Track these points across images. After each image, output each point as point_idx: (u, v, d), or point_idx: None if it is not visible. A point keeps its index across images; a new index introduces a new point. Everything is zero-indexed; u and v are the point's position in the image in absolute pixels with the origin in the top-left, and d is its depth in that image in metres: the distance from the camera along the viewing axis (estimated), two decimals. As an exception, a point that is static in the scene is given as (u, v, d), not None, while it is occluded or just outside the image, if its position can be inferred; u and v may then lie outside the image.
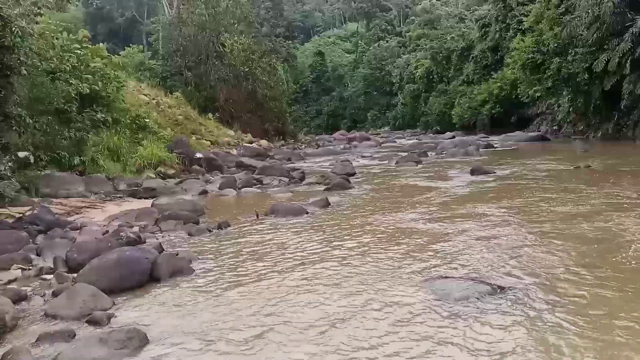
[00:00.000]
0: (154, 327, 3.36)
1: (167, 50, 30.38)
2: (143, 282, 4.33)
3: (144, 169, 12.21)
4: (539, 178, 10.29)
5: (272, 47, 35.62)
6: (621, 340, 2.87)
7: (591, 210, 6.49)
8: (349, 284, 4.05)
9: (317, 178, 11.75)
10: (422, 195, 8.81)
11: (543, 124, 30.10)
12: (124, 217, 7.39)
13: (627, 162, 12.38)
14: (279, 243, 5.70)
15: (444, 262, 4.56)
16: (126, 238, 5.50)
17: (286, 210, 7.53)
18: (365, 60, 64.13)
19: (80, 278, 4.25)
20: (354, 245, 5.43)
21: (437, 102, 43.73)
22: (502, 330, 3.06)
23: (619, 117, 20.33)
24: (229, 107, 27.09)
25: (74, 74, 11.42)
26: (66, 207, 8.05)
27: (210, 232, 6.43)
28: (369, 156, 20.01)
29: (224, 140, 21.03)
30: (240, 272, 4.60)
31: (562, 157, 15.00)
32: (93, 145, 11.42)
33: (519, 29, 29.88)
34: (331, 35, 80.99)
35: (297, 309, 3.58)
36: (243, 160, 16.18)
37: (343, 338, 3.08)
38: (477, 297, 3.58)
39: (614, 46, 18.51)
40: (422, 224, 6.29)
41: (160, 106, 18.37)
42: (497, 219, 6.30)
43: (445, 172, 12.43)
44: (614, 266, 4.18)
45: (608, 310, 3.30)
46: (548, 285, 3.79)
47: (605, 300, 3.46)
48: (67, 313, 3.61)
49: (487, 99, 33.97)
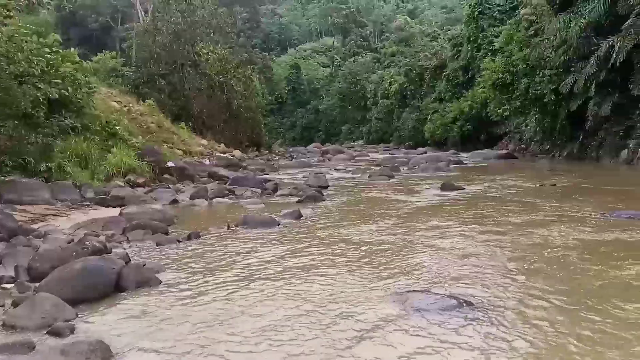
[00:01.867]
0: (118, 339, 3.28)
1: (141, 58, 30.05)
2: (108, 292, 4.23)
3: (112, 177, 11.98)
4: (506, 195, 10.53)
5: (248, 57, 35.58)
6: (574, 349, 2.94)
7: (556, 227, 6.66)
8: (317, 297, 4.04)
9: (290, 190, 11.74)
10: (394, 209, 8.90)
11: (511, 142, 30.88)
12: (90, 225, 7.22)
13: (591, 181, 12.79)
14: (249, 254, 5.66)
15: (413, 275, 4.60)
16: (91, 247, 5.37)
17: (258, 221, 7.49)
18: (340, 75, 64.86)
19: (43, 288, 4.12)
20: (323, 258, 5.44)
21: (410, 118, 44.49)
22: (468, 346, 3.10)
23: (584, 137, 21.02)
24: (203, 116, 26.92)
25: (43, 79, 11.18)
26: (30, 214, 7.82)
27: (180, 242, 6.34)
28: (342, 169, 20.12)
29: (197, 149, 20.86)
30: (209, 284, 4.55)
31: (528, 175, 15.40)
32: (60, 151, 11.15)
33: (490, 49, 30.78)
34: (307, 48, 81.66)
35: (262, 322, 3.56)
36: (216, 170, 16.05)
37: (309, 348, 3.07)
38: (444, 310, 3.62)
39: (580, 69, 19.19)
40: (393, 238, 6.34)
41: (131, 113, 18.13)
42: (466, 234, 6.40)
43: (417, 187, 12.60)
44: (577, 282, 4.29)
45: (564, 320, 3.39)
46: (515, 301, 3.86)
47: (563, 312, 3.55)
48: (27, 324, 3.49)
49: (458, 116, 34.72)
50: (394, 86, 49.25)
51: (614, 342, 3.06)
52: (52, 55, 12.03)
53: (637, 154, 17.18)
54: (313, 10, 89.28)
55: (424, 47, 47.51)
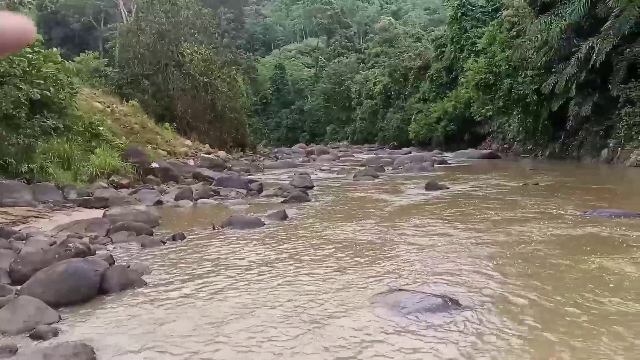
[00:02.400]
0: (102, 342, 3.26)
1: (124, 58, 29.75)
2: (92, 295, 4.20)
3: (96, 178, 11.84)
4: (490, 194, 10.65)
5: (233, 58, 35.43)
6: (555, 342, 3.00)
7: (537, 226, 6.76)
8: (301, 298, 4.06)
9: (275, 190, 11.73)
10: (378, 209, 8.95)
11: (494, 142, 31.22)
12: (73, 227, 7.14)
13: (573, 180, 12.99)
14: (234, 255, 5.65)
15: (398, 275, 4.64)
16: (75, 249, 5.31)
17: (243, 222, 7.48)
18: (325, 75, 64.89)
19: (25, 291, 4.08)
20: (309, 258, 5.46)
21: (394, 118, 44.69)
22: (453, 344, 3.14)
23: (565, 137, 21.34)
24: (187, 117, 26.73)
25: (25, 79, 11.02)
26: (11, 216, 7.71)
27: (165, 243, 6.31)
28: (327, 169, 20.15)
29: (181, 150, 20.71)
30: (194, 285, 4.53)
31: (511, 174, 15.59)
32: (42, 152, 11.00)
33: (473, 50, 31.08)
34: (292, 49, 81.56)
35: (247, 323, 3.56)
36: (200, 171, 15.95)
37: (293, 350, 3.08)
38: (431, 310, 3.66)
39: (561, 70, 19.50)
40: (377, 237, 6.38)
41: (115, 114, 17.93)
42: (450, 232, 6.47)
43: (401, 187, 12.68)
44: (557, 278, 4.37)
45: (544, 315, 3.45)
46: (498, 299, 3.91)
47: (544, 308, 3.62)
48: (9, 327, 3.45)
49: (442, 116, 34.98)
50: (378, 86, 49.47)
51: (590, 335, 3.13)
52: (33, 55, 11.84)
53: (617, 153, 17.51)
54: (297, 11, 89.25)
55: (408, 48, 47.82)
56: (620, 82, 17.19)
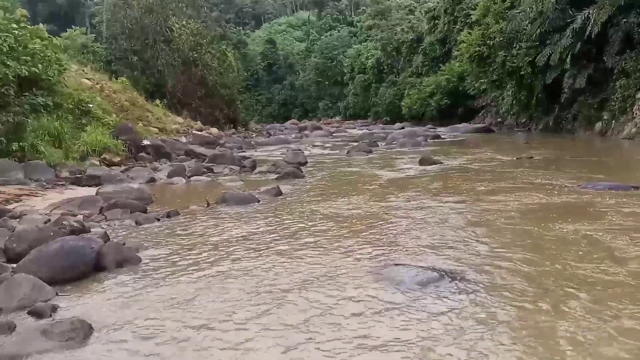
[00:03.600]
0: (99, 318, 3.25)
1: (112, 33, 29.18)
2: (88, 272, 4.18)
3: (87, 156, 11.73)
4: (483, 168, 10.67)
5: (222, 32, 34.89)
6: (546, 321, 3.04)
7: (533, 200, 6.79)
8: (297, 274, 4.06)
9: (268, 167, 11.69)
10: (372, 184, 8.95)
11: (488, 116, 31.20)
12: (66, 205, 7.09)
13: (567, 153, 13.04)
14: (229, 232, 5.64)
15: (393, 249, 4.66)
16: (70, 227, 5.28)
17: (237, 199, 7.45)
18: (316, 49, 64.16)
19: (20, 269, 4.05)
20: (304, 233, 5.46)
21: (387, 93, 44.39)
22: (446, 317, 3.16)
23: (560, 110, 21.33)
24: (178, 93, 26.44)
25: (12, 56, 10.79)
26: (4, 195, 7.63)
27: (159, 220, 6.28)
28: (320, 145, 20.08)
29: (173, 127, 20.51)
30: (189, 261, 4.53)
31: (505, 148, 15.61)
32: (33, 130, 10.84)
33: (467, 22, 30.71)
34: (282, 22, 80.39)
35: (245, 297, 3.57)
36: (193, 148, 15.85)
37: (291, 326, 3.09)
38: (427, 283, 3.67)
39: (556, 41, 19.35)
40: (372, 213, 6.39)
41: (104, 91, 17.65)
42: (445, 207, 6.48)
43: (395, 162, 12.67)
44: (551, 251, 4.40)
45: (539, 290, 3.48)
46: (492, 272, 3.94)
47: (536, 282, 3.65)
48: (7, 305, 3.44)
49: (435, 90, 34.76)
50: (371, 60, 48.99)
51: (578, 304, 3.16)
52: (20, 31, 11.58)
53: (611, 126, 17.54)
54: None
55: (401, 21, 47.20)
56: (615, 54, 17.11)
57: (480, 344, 2.74)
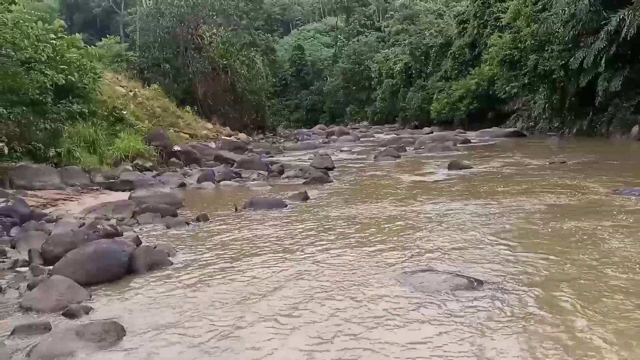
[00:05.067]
0: (131, 320, 3.33)
1: (145, 42, 29.88)
2: (120, 274, 4.29)
3: (120, 162, 12.05)
4: (515, 173, 10.47)
5: (251, 40, 35.32)
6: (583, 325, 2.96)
7: (567, 206, 6.63)
8: (326, 278, 4.07)
9: (296, 172, 11.75)
10: (400, 189, 8.89)
11: (519, 120, 30.57)
12: (100, 209, 7.28)
13: (602, 158, 12.66)
14: (257, 236, 5.70)
15: (423, 254, 4.62)
16: (103, 230, 5.43)
17: (265, 203, 7.52)
18: (344, 55, 64.20)
19: (56, 270, 4.19)
20: (332, 238, 5.46)
21: (415, 98, 44.05)
22: (475, 323, 3.11)
23: (594, 113, 20.77)
24: (208, 100, 26.86)
25: (50, 65, 11.17)
26: (41, 199, 7.90)
27: (189, 224, 6.39)
28: (347, 150, 20.07)
29: (203, 133, 20.87)
30: (219, 265, 4.59)
31: (537, 152, 15.28)
32: (69, 137, 11.21)
33: (497, 25, 30.28)
34: (310, 29, 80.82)
35: (275, 301, 3.59)
36: (222, 153, 16.07)
37: (323, 329, 3.10)
38: (456, 289, 3.63)
39: (590, 44, 18.87)
40: (400, 217, 6.35)
41: (137, 98, 18.10)
42: (475, 213, 6.39)
43: (423, 167, 12.56)
44: (583, 259, 4.29)
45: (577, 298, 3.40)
46: (523, 280, 3.86)
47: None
48: (43, 306, 3.56)
49: (464, 94, 34.31)
50: (399, 65, 48.75)
51: (612, 314, 3.07)
52: (57, 41, 11.99)
53: (647, 130, 17.00)
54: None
55: (429, 25, 46.86)
56: (652, 55, 16.59)
57: (511, 352, 2.70)
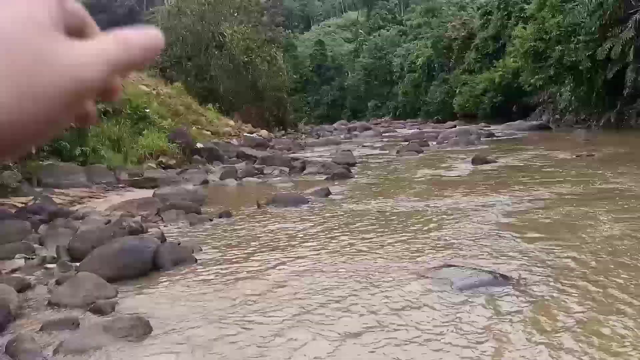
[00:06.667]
0: (157, 316, 3.36)
1: (167, 41, 30.15)
2: (146, 271, 4.34)
3: (145, 159, 12.20)
4: (541, 167, 10.27)
5: (272, 36, 35.34)
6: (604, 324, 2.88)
7: (597, 200, 6.48)
8: (351, 275, 4.05)
9: (318, 168, 11.73)
10: (424, 184, 8.81)
11: (545, 112, 29.99)
12: (125, 206, 7.39)
13: (631, 150, 12.33)
14: (280, 232, 5.70)
15: (446, 250, 4.57)
16: (128, 227, 5.50)
17: (287, 199, 7.52)
18: (365, 50, 63.83)
19: (83, 267, 4.26)
20: (356, 233, 5.44)
21: (438, 91, 43.60)
22: (500, 320, 3.06)
23: (622, 105, 20.25)
24: (229, 97, 27.01)
25: (74, 64, 11.35)
26: (68, 197, 8.05)
27: (212, 221, 6.44)
28: (369, 146, 19.97)
29: (225, 130, 20.99)
30: (243, 261, 4.61)
31: (564, 145, 14.96)
32: (94, 135, 11.39)
33: (521, 16, 29.71)
34: (331, 24, 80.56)
35: (300, 297, 3.59)
36: (244, 150, 16.14)
37: (351, 324, 3.09)
38: (480, 285, 3.58)
39: (617, 34, 18.39)
40: (424, 213, 6.29)
41: (160, 96, 18.29)
42: (499, 207, 6.29)
43: (447, 162, 12.41)
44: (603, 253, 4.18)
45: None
46: (548, 275, 3.78)
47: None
48: (71, 301, 3.62)
49: (488, 87, 33.81)
50: (421, 59, 48.27)
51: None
52: (81, 40, 12.18)
53: (678, 121, 16.51)
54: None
55: (452, 18, 46.25)
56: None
57: (535, 349, 2.64)
